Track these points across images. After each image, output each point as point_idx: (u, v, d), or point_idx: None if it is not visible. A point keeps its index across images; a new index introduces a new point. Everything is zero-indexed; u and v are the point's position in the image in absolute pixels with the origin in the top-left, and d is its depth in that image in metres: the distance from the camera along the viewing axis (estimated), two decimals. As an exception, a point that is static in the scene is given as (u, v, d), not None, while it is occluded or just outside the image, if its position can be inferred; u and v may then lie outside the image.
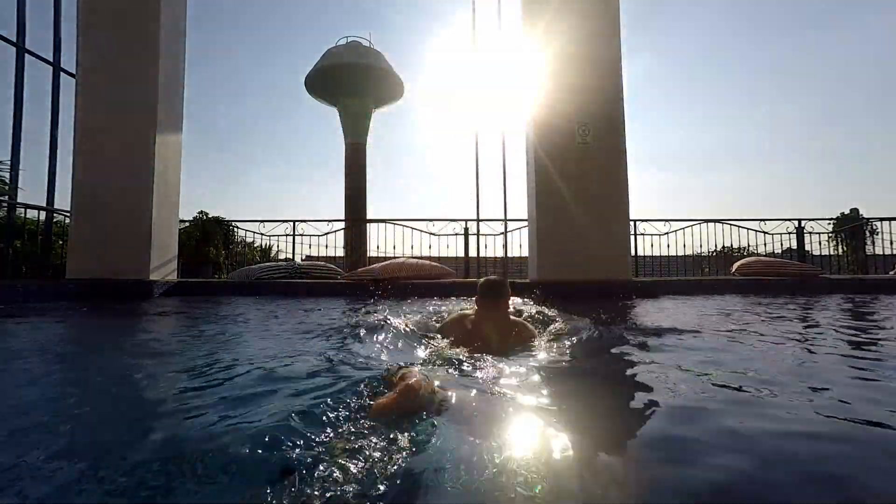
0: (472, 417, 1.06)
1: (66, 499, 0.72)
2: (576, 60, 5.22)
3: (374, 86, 19.12)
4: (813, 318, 3.08)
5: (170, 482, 0.77)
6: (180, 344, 2.35)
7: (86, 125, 5.20)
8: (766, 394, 1.23)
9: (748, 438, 0.94)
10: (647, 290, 5.14)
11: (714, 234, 7.50)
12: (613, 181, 5.17)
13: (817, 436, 0.96)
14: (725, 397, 1.21)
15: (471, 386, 1.28)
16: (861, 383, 1.43)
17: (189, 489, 0.74)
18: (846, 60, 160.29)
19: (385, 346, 1.89)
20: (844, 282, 5.72)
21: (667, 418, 1.08)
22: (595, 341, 2.08)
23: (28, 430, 1.03)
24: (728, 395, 1.22)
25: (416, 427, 0.95)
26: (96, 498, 0.72)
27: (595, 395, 1.36)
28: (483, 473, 0.77)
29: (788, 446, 0.90)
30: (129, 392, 1.37)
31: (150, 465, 0.82)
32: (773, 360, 1.77)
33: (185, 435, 0.97)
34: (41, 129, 6.43)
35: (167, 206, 5.40)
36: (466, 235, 7.16)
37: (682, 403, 1.16)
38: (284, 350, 1.97)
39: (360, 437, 0.90)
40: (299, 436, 0.91)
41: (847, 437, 0.96)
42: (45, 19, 6.53)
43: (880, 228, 8.11)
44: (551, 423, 1.03)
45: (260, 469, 0.79)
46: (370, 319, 2.81)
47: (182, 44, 5.78)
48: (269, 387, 1.29)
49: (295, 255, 7.60)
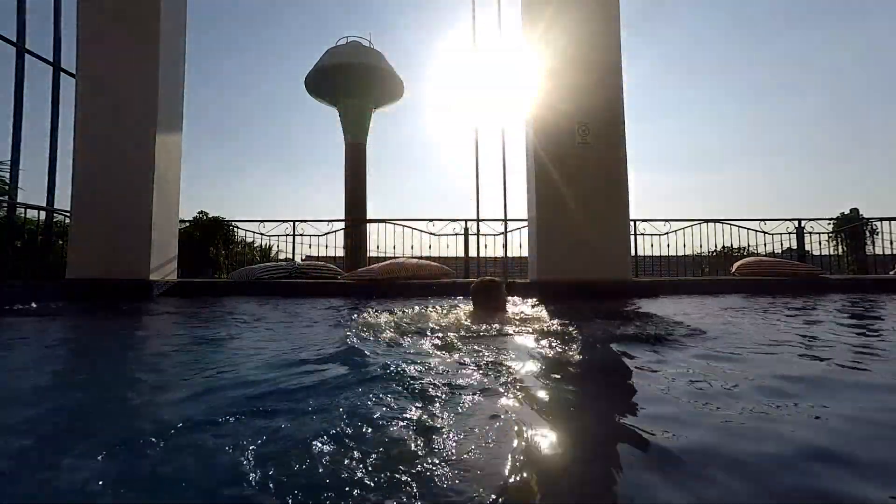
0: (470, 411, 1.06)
1: (66, 498, 0.72)
2: (576, 60, 5.22)
3: (374, 86, 19.11)
4: (812, 319, 3.08)
5: (170, 482, 0.77)
6: (180, 344, 2.35)
7: (86, 125, 5.20)
8: (765, 394, 1.23)
9: (747, 439, 0.94)
10: (647, 290, 5.14)
11: (714, 234, 7.51)
12: (613, 181, 5.16)
13: (817, 435, 0.96)
14: (724, 397, 1.21)
15: (467, 379, 1.28)
16: (860, 383, 1.43)
17: (190, 487, 0.75)
18: (846, 60, 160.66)
19: (385, 343, 1.89)
20: (844, 282, 5.72)
21: (659, 417, 1.08)
22: (594, 340, 2.08)
23: (28, 429, 1.03)
24: (727, 395, 1.22)
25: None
26: (97, 497, 0.72)
27: (588, 392, 1.36)
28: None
29: (788, 446, 0.90)
30: (130, 392, 1.37)
31: (150, 466, 0.82)
32: (773, 360, 1.77)
33: (185, 434, 0.97)
34: (41, 129, 6.44)
35: (167, 206, 5.40)
36: (466, 235, 7.16)
37: (678, 403, 1.16)
38: (284, 349, 1.97)
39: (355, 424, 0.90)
40: (301, 434, 0.91)
41: (846, 437, 0.96)
42: (45, 19, 6.54)
43: (880, 228, 8.11)
44: (539, 419, 1.03)
45: (261, 466, 0.79)
46: (369, 319, 2.81)
47: (182, 44, 5.78)
48: (269, 386, 1.29)
49: (295, 255, 7.60)
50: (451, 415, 1.05)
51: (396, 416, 1.03)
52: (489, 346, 1.88)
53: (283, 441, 0.90)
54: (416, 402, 1.13)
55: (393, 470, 0.77)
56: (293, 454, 0.83)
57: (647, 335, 2.17)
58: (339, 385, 1.30)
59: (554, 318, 2.79)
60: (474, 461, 0.82)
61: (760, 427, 1.01)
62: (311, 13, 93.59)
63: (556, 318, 2.73)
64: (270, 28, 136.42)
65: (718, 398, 1.20)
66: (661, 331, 2.27)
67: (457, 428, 0.97)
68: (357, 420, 1.00)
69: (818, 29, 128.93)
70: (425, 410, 1.07)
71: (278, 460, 0.81)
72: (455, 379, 1.35)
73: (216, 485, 0.75)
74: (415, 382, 1.30)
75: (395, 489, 0.72)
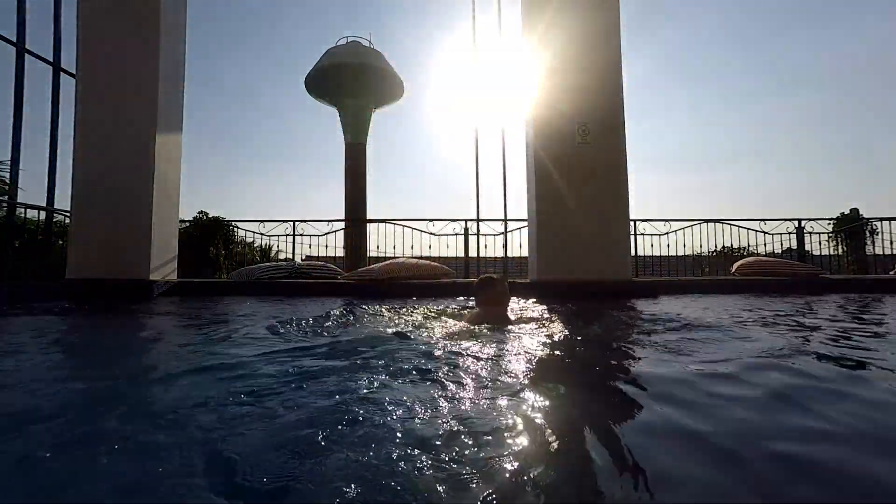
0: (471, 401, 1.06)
1: (66, 497, 0.72)
2: (576, 60, 5.22)
3: (374, 86, 19.12)
4: (812, 319, 3.08)
5: (170, 482, 0.77)
6: (180, 343, 2.35)
7: (86, 125, 5.20)
8: (764, 394, 1.23)
9: (744, 438, 0.94)
10: (647, 290, 5.14)
11: (714, 234, 7.51)
12: (613, 181, 5.17)
13: (814, 435, 0.96)
14: (721, 397, 1.21)
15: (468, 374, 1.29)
16: (859, 383, 1.43)
17: (189, 488, 0.75)
18: (846, 59, 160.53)
19: (385, 341, 1.89)
20: (844, 282, 5.72)
21: (660, 417, 1.08)
22: (593, 340, 2.08)
23: (28, 429, 1.03)
24: (724, 396, 1.22)
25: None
26: (98, 496, 0.72)
27: (588, 393, 1.36)
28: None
29: (785, 446, 0.90)
30: (130, 392, 1.37)
31: (152, 465, 0.82)
32: (772, 360, 1.77)
33: (185, 434, 0.97)
34: (41, 129, 6.44)
35: (167, 206, 5.40)
36: (466, 235, 7.16)
37: (678, 402, 1.16)
38: (284, 349, 1.97)
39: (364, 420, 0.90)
40: (303, 433, 0.91)
41: (845, 436, 0.96)
42: (45, 19, 6.54)
43: (880, 228, 8.11)
44: (538, 419, 1.03)
45: (261, 465, 0.79)
46: (369, 318, 2.81)
47: (182, 44, 5.78)
48: (269, 387, 1.29)
49: (295, 255, 7.60)
50: (451, 415, 1.05)
51: (397, 414, 1.03)
52: (489, 344, 1.88)
53: (283, 440, 0.90)
54: (415, 402, 1.13)
55: (388, 469, 0.77)
56: (292, 452, 0.84)
57: (646, 335, 2.17)
58: (340, 385, 1.30)
59: (553, 319, 2.80)
60: (474, 461, 0.82)
61: (759, 426, 1.01)
62: (311, 13, 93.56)
63: (556, 319, 2.74)
64: (270, 28, 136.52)
65: (718, 398, 1.20)
66: (660, 331, 2.27)
67: (455, 427, 0.97)
68: (358, 420, 1.00)
69: (819, 29, 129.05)
70: (425, 410, 1.07)
71: (277, 458, 0.81)
72: (452, 377, 1.35)
73: (215, 485, 0.75)
74: (414, 380, 1.30)
75: (394, 488, 0.72)
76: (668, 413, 1.10)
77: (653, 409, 1.14)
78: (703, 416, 1.07)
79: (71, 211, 5.16)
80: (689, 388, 1.29)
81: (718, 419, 1.05)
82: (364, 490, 0.71)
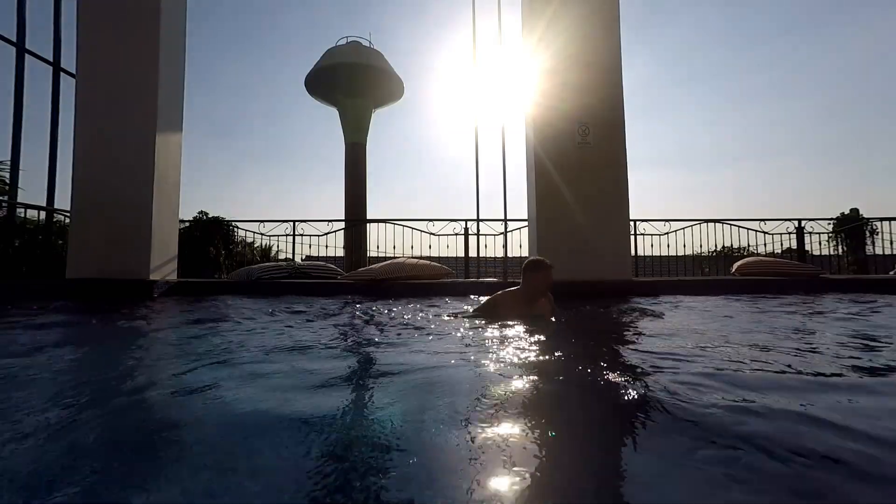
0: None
1: (67, 496, 0.72)
2: (576, 60, 5.22)
3: (374, 86, 19.13)
4: (812, 318, 3.08)
5: (170, 481, 0.77)
6: (181, 343, 2.35)
7: (86, 125, 5.19)
8: (763, 394, 1.23)
9: (744, 439, 0.94)
10: (648, 290, 5.13)
11: (714, 234, 7.50)
12: (613, 181, 5.17)
13: (813, 434, 0.96)
14: (720, 397, 1.21)
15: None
16: (859, 383, 1.43)
17: (192, 484, 0.74)
18: (846, 59, 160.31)
19: (386, 341, 1.89)
20: (844, 282, 5.72)
21: (659, 417, 1.08)
22: (593, 340, 2.08)
23: (27, 429, 1.03)
24: (723, 396, 1.22)
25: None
26: (100, 496, 0.72)
27: (587, 393, 1.36)
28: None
29: (783, 447, 0.90)
30: (130, 392, 1.37)
31: (152, 465, 0.82)
32: (772, 360, 1.77)
33: (185, 433, 0.97)
34: (41, 129, 6.44)
35: (167, 206, 5.40)
36: (466, 235, 7.16)
37: (678, 403, 1.16)
38: (284, 348, 1.97)
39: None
40: (305, 430, 0.91)
41: (843, 436, 0.96)
42: (45, 19, 6.54)
43: (880, 228, 8.11)
44: (537, 419, 1.03)
45: (262, 462, 0.79)
46: (369, 318, 2.81)
47: (182, 44, 5.78)
48: (268, 386, 1.29)
49: (295, 255, 7.60)
50: (450, 414, 1.05)
51: (399, 414, 1.03)
52: (489, 343, 1.88)
53: (282, 438, 0.90)
54: (414, 401, 1.13)
55: (399, 467, 0.77)
56: (293, 452, 0.83)
57: (646, 335, 2.17)
58: (340, 384, 1.30)
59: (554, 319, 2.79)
60: (473, 460, 0.82)
61: (760, 426, 1.01)
62: (312, 14, 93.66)
63: (556, 318, 2.73)
64: (271, 28, 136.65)
65: (719, 398, 1.20)
66: (659, 330, 2.27)
67: (457, 427, 0.97)
68: (357, 419, 1.00)
69: (818, 30, 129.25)
70: (426, 410, 1.07)
71: (278, 458, 0.81)
72: (450, 372, 1.35)
73: (215, 483, 0.75)
74: (413, 380, 1.30)
75: (394, 488, 0.72)
76: (669, 414, 1.09)
77: (653, 409, 1.14)
78: (705, 416, 1.07)
79: (71, 211, 5.16)
80: (690, 388, 1.29)
81: (721, 421, 1.04)
82: (369, 488, 0.71)
